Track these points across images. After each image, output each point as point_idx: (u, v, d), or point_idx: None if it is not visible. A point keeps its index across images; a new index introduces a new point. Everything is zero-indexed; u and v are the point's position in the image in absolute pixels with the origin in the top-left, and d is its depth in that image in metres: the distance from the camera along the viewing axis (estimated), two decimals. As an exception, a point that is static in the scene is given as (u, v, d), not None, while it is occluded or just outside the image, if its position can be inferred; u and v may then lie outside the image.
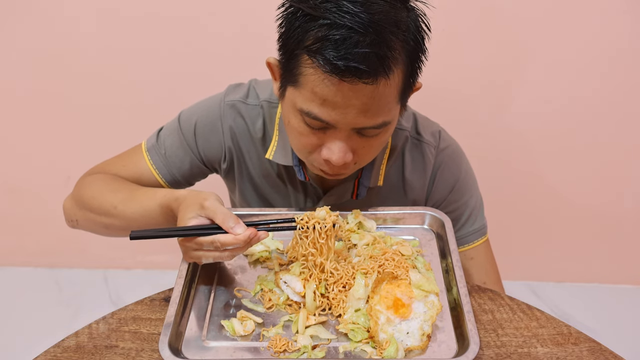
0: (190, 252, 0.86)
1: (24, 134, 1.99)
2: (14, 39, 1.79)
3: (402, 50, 0.81)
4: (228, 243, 0.82)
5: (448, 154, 1.11)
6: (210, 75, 1.78)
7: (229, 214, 0.83)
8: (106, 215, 1.02)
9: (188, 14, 1.72)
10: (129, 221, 1.00)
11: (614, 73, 1.77)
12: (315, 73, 0.79)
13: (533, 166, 1.98)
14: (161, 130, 1.13)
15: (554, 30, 1.71)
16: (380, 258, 0.91)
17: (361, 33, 0.75)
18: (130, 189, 1.04)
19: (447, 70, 1.78)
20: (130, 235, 0.85)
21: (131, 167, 1.11)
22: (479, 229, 1.15)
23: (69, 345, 0.87)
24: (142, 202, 0.98)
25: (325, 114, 0.82)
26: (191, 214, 0.85)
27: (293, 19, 0.81)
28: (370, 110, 0.82)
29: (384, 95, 0.81)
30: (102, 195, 1.03)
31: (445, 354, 0.79)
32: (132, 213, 0.99)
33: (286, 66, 0.85)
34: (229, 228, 0.82)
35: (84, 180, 1.10)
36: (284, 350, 0.80)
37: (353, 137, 0.86)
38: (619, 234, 2.11)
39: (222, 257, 0.86)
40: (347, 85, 0.78)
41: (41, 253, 2.25)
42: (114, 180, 1.07)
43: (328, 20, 0.76)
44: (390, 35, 0.78)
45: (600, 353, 0.86)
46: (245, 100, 1.08)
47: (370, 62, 0.76)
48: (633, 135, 1.89)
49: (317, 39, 0.78)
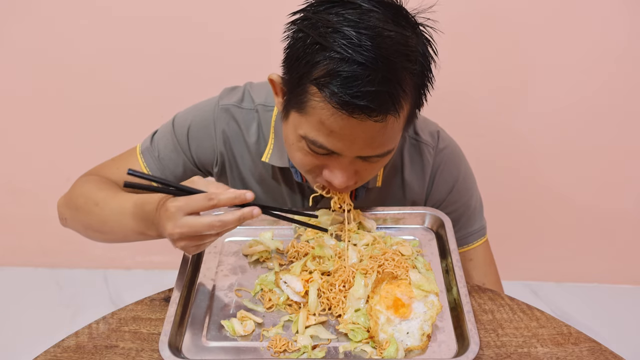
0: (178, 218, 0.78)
1: (24, 134, 1.99)
2: (14, 39, 1.79)
3: (411, 82, 0.80)
4: (224, 198, 0.77)
5: (447, 155, 1.11)
6: (210, 77, 1.78)
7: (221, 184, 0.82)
8: (87, 214, 1.01)
9: (188, 15, 1.72)
10: (104, 221, 0.97)
11: (614, 75, 1.77)
12: (325, 107, 0.78)
13: (533, 167, 1.98)
14: (156, 133, 1.13)
15: (555, 33, 1.71)
16: (380, 258, 0.91)
17: (372, 69, 0.74)
18: (114, 189, 1.02)
19: (449, 72, 1.77)
20: (124, 183, 0.78)
21: (125, 169, 1.10)
22: (478, 230, 1.15)
23: (69, 345, 0.87)
24: (120, 201, 0.95)
25: (331, 144, 0.82)
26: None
27: (301, 45, 0.79)
28: (377, 142, 0.82)
29: (392, 129, 0.82)
30: (89, 193, 1.02)
31: (445, 354, 0.79)
32: (109, 211, 0.96)
33: (292, 91, 0.83)
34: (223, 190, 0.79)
35: (79, 180, 1.10)
36: (284, 351, 0.80)
37: (356, 162, 0.87)
38: (619, 234, 2.11)
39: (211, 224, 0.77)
40: (356, 120, 0.77)
41: (41, 253, 2.25)
42: (104, 181, 1.07)
43: (337, 55, 0.75)
44: (402, 71, 0.77)
45: (600, 353, 0.86)
46: (240, 105, 1.08)
47: (381, 101, 0.76)
48: (633, 136, 1.89)
49: (327, 72, 0.76)
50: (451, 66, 1.77)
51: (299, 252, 0.95)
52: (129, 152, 1.13)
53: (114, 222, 0.95)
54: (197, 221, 0.77)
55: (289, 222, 1.00)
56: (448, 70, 1.77)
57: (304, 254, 0.94)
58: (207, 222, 0.77)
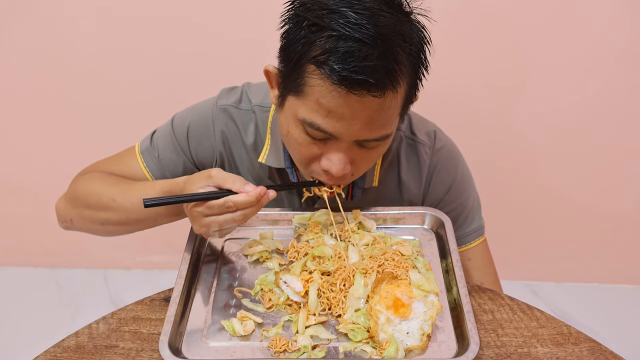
0: (200, 219, 0.86)
1: (24, 134, 1.99)
2: (14, 40, 1.79)
3: (407, 62, 0.81)
4: (240, 201, 0.83)
5: (444, 154, 1.10)
6: (210, 76, 1.78)
7: (238, 177, 0.85)
8: (104, 210, 1.02)
9: (188, 14, 1.72)
10: (128, 213, 1.00)
11: (614, 75, 1.77)
12: (323, 84, 0.79)
13: (533, 166, 1.98)
14: (155, 133, 1.13)
15: (555, 33, 1.71)
16: (380, 258, 0.91)
17: (369, 45, 0.75)
18: (127, 181, 1.05)
19: (448, 72, 1.78)
20: (144, 202, 0.84)
21: (124, 168, 1.10)
22: (476, 230, 1.15)
23: (69, 345, 0.87)
24: (142, 191, 0.97)
25: (329, 126, 0.82)
26: (199, 184, 0.86)
27: (298, 28, 0.80)
28: (375, 123, 0.82)
29: (390, 108, 0.82)
30: (100, 190, 1.03)
31: (445, 354, 0.79)
32: (131, 204, 0.98)
33: (289, 75, 0.84)
34: (240, 188, 0.83)
35: (78, 179, 1.10)
36: (284, 350, 0.80)
37: (353, 149, 0.87)
38: (619, 234, 2.11)
39: (234, 219, 0.85)
40: (354, 97, 0.78)
41: (41, 253, 2.25)
42: (109, 176, 1.07)
43: (335, 32, 0.76)
44: (398, 49, 0.78)
45: (600, 353, 0.86)
46: (238, 105, 1.08)
47: (379, 75, 0.76)
48: (632, 136, 1.89)
49: (325, 50, 0.77)
50: (451, 66, 1.78)
51: (299, 252, 0.95)
52: (127, 151, 1.13)
53: (139, 212, 0.98)
54: (218, 219, 0.85)
55: (289, 223, 1.02)
56: (448, 71, 1.78)
57: (304, 254, 0.94)
58: (229, 218, 0.85)
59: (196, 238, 0.96)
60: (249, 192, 0.83)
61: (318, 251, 0.92)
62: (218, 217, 0.85)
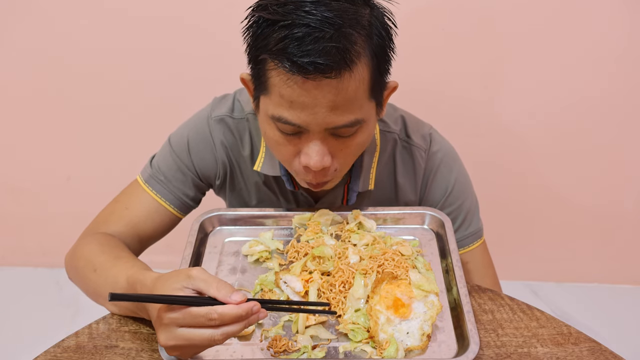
0: (171, 329, 0.70)
1: (24, 134, 2.00)
2: (14, 39, 1.79)
3: (364, 44, 0.80)
4: (227, 314, 0.68)
5: (440, 157, 1.09)
6: (210, 76, 1.78)
7: (224, 282, 0.71)
8: (83, 279, 0.96)
9: (188, 15, 1.72)
10: (98, 293, 0.91)
11: (613, 75, 1.77)
12: (279, 75, 0.79)
13: (533, 167, 1.98)
14: (153, 158, 1.10)
15: (555, 33, 1.71)
16: (380, 258, 0.91)
17: (319, 30, 0.76)
18: (115, 254, 0.93)
19: (445, 72, 1.78)
20: (109, 295, 0.66)
21: (135, 206, 1.05)
22: (474, 232, 1.14)
23: (69, 345, 0.87)
24: (115, 273, 0.87)
25: (294, 117, 0.82)
26: (175, 284, 0.71)
27: (256, 27, 0.81)
28: (339, 107, 0.81)
29: (350, 90, 0.80)
30: (89, 256, 0.95)
31: (445, 354, 0.79)
32: (103, 282, 0.89)
33: (256, 76, 0.85)
34: (226, 297, 0.69)
35: (84, 237, 1.03)
36: (284, 351, 0.80)
37: (329, 140, 0.86)
38: (619, 234, 2.11)
39: (212, 338, 0.69)
40: (311, 82, 0.78)
41: (41, 253, 2.25)
42: (108, 241, 0.98)
43: (289, 21, 0.77)
44: (350, 29, 0.78)
45: (600, 353, 0.86)
46: (232, 114, 1.07)
47: (331, 55, 0.76)
48: (632, 136, 1.89)
49: (279, 40, 0.77)
50: (450, 67, 1.78)
51: (299, 252, 0.95)
52: (131, 187, 1.09)
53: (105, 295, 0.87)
54: (194, 334, 0.69)
55: (289, 223, 1.02)
56: (447, 71, 1.78)
57: (304, 254, 0.94)
58: (207, 335, 0.69)
59: (196, 238, 0.96)
60: (239, 304, 0.69)
61: (318, 251, 0.92)
62: (195, 330, 0.69)
